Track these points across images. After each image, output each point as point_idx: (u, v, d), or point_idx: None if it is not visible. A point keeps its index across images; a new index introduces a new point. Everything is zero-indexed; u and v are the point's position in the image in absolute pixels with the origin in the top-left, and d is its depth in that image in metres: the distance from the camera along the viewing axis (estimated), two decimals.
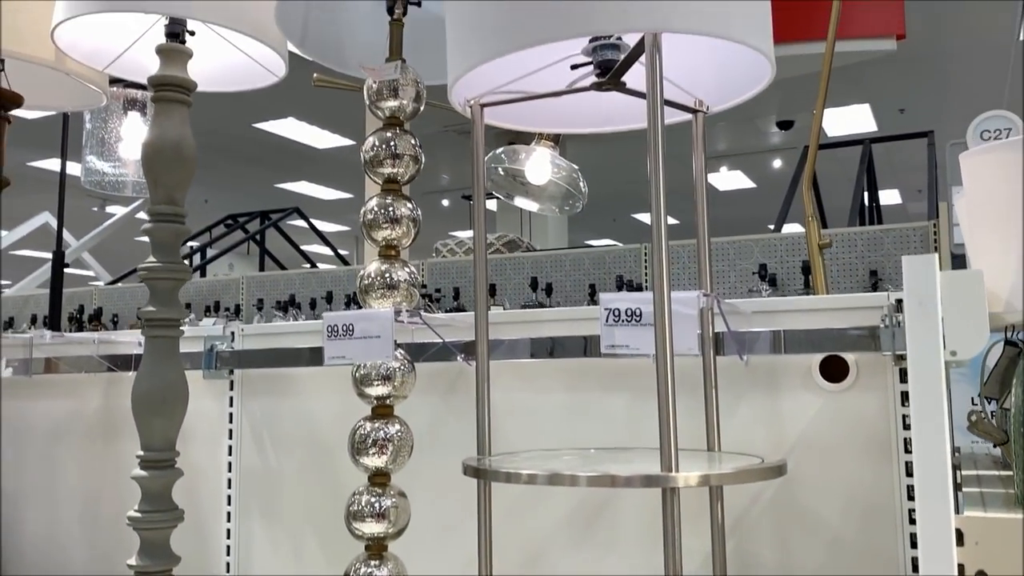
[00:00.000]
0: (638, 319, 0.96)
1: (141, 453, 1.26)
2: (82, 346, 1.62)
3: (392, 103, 1.23)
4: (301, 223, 8.15)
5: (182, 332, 1.31)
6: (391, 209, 1.21)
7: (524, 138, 1.80)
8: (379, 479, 1.18)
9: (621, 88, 1.03)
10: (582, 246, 5.02)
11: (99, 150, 1.94)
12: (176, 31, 1.32)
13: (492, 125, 1.17)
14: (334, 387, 1.46)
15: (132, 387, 1.26)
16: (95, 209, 11.20)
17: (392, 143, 1.22)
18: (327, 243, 7.55)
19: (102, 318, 4.62)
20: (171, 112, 1.31)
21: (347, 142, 9.66)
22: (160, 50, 1.31)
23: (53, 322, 2.73)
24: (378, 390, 1.18)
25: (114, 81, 1.70)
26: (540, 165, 1.78)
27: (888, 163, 9.20)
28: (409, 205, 1.23)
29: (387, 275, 1.20)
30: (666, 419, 0.84)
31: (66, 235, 8.32)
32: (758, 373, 1.16)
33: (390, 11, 1.26)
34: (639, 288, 3.50)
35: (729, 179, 10.46)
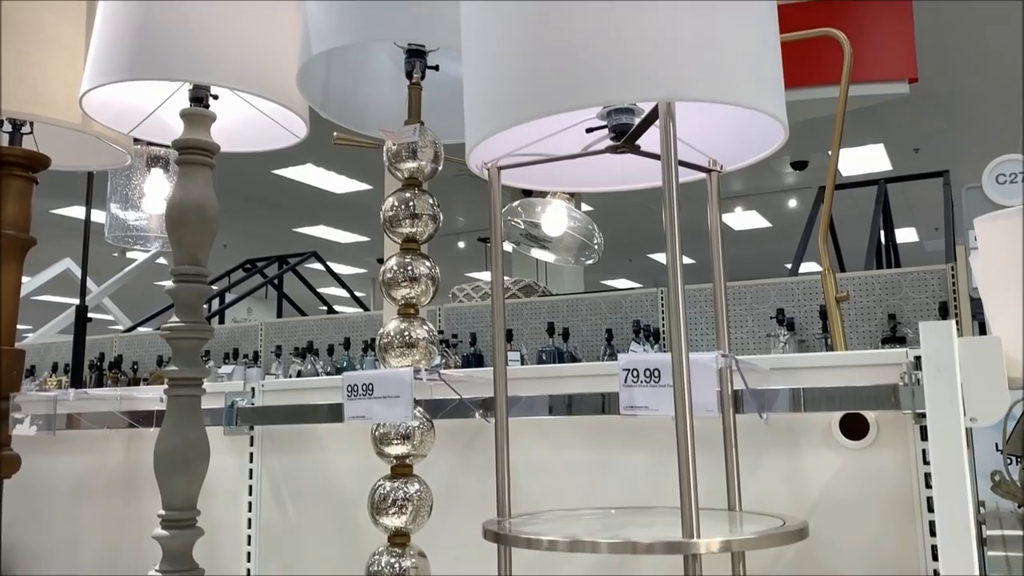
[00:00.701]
0: (657, 380, 0.96)
1: (162, 512, 1.26)
2: (104, 402, 1.64)
3: (411, 164, 1.25)
4: (319, 266, 8.22)
5: (204, 391, 1.32)
6: (410, 268, 1.23)
7: (538, 190, 1.83)
8: (399, 539, 1.18)
9: (636, 151, 1.04)
10: (598, 289, 5.03)
11: (123, 205, 1.98)
12: (200, 96, 1.36)
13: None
14: (353, 443, 1.46)
15: (154, 446, 1.27)
16: (115, 255, 11.34)
17: (411, 203, 1.24)
18: (344, 286, 7.60)
19: (122, 366, 4.66)
20: (195, 174, 1.34)
21: (364, 187, 9.77)
22: (185, 115, 1.35)
23: (76, 376, 2.75)
24: (397, 449, 1.18)
25: (138, 138, 1.74)
26: (556, 217, 1.80)
27: (904, 201, 9.19)
28: (427, 264, 1.24)
29: (406, 334, 1.21)
30: (687, 484, 0.84)
31: (89, 282, 8.41)
32: (778, 430, 1.16)
33: (409, 75, 1.29)
34: (656, 333, 3.49)
35: (744, 219, 10.48)
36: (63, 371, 4.85)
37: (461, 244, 12.38)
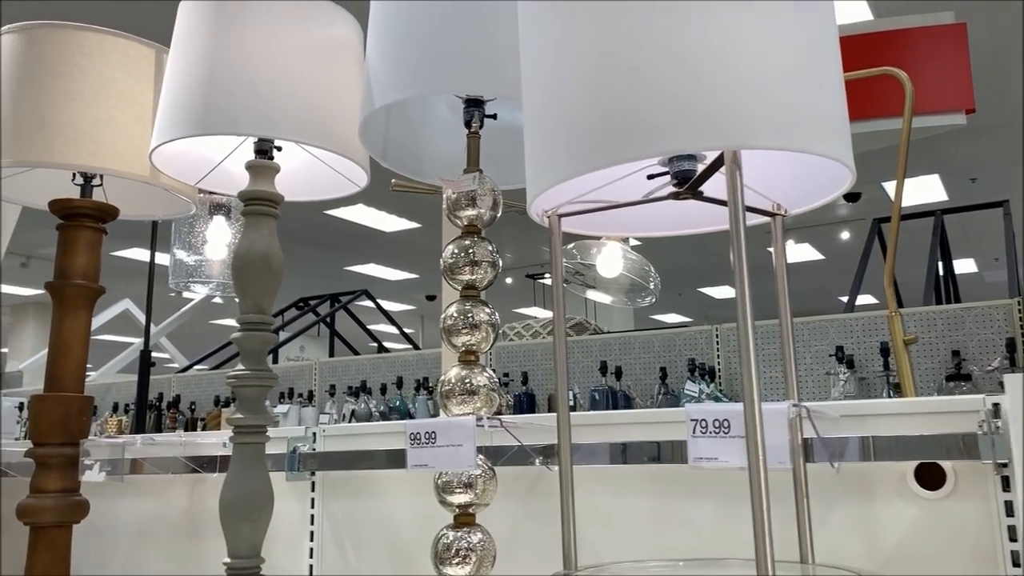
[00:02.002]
0: (726, 431, 0.95)
1: (227, 560, 1.27)
2: (167, 447, 1.66)
3: (470, 212, 1.26)
4: (369, 303, 8.30)
5: (268, 438, 1.34)
6: (470, 315, 1.23)
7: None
8: None
9: (699, 197, 1.04)
10: (650, 327, 4.98)
11: (186, 251, 2.03)
12: (265, 148, 1.39)
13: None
14: (415, 489, 1.46)
15: (220, 494, 1.29)
16: (172, 294, 11.60)
17: (471, 251, 1.25)
18: (394, 323, 7.66)
19: (180, 406, 4.73)
20: (260, 225, 1.36)
21: (413, 225, 9.88)
22: (250, 167, 1.38)
23: (139, 420, 2.81)
24: (460, 498, 1.18)
25: (202, 188, 1.79)
26: (611, 259, 1.79)
27: (962, 232, 8.98)
28: (487, 310, 1.25)
29: (467, 381, 1.21)
30: (762, 537, 0.81)
31: (143, 320, 8.61)
32: (849, 480, 1.13)
33: (468, 125, 1.30)
34: (711, 372, 3.44)
35: (797, 252, 10.33)
36: (123, 411, 4.94)
37: (509, 280, 12.42)
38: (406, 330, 7.97)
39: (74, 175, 1.65)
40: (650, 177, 1.07)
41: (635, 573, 1.03)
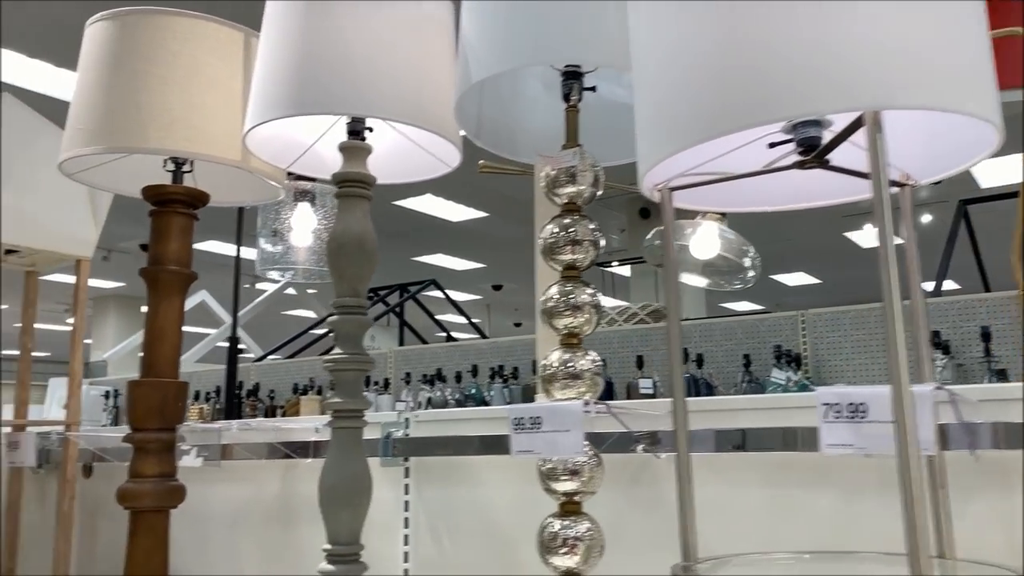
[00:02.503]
0: (863, 415, 0.88)
1: (327, 546, 1.25)
2: (260, 433, 1.66)
3: (570, 189, 1.22)
4: (436, 294, 8.32)
5: (366, 423, 1.31)
6: (572, 296, 1.19)
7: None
8: None
9: (825, 166, 0.97)
10: (728, 314, 4.86)
11: (272, 239, 2.03)
12: (358, 129, 1.36)
13: (624, 195, 1.13)
14: (511, 476, 1.43)
15: (319, 478, 1.27)
16: (247, 286, 11.86)
17: (571, 229, 1.20)
18: (463, 313, 7.67)
19: (259, 394, 4.81)
20: (354, 207, 1.34)
21: (480, 214, 9.88)
22: (344, 148, 1.36)
23: (229, 407, 2.85)
24: (566, 486, 1.13)
25: (289, 172, 1.78)
26: (707, 239, 1.72)
27: None
28: (590, 291, 1.20)
29: (570, 365, 1.16)
30: (914, 531, 0.75)
31: (220, 311, 8.82)
32: (989, 468, 1.05)
33: (566, 98, 1.25)
34: (798, 359, 3.33)
35: (874, 236, 9.98)
36: (204, 399, 5.05)
37: None
38: (474, 320, 7.98)
39: (165, 162, 1.66)
40: (771, 146, 1.01)
41: (760, 565, 0.97)
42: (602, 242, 1.23)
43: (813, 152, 0.96)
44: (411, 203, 9.14)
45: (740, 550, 1.16)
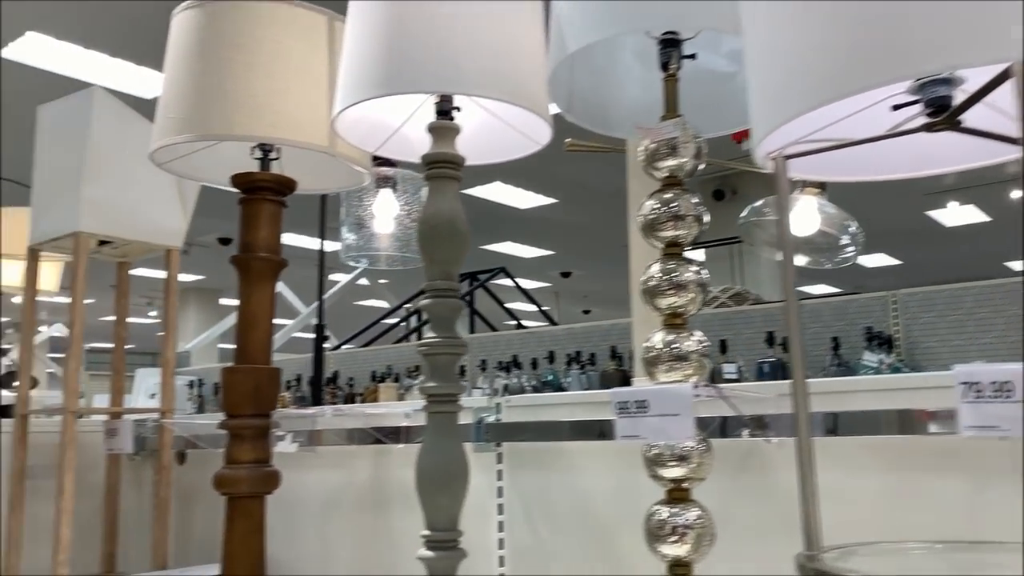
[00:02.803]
0: (1008, 394, 0.81)
1: (426, 532, 1.24)
2: (353, 418, 1.66)
3: (671, 162, 1.16)
4: (505, 282, 8.30)
5: (461, 407, 1.29)
6: (675, 275, 1.14)
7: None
8: (680, 570, 1.08)
9: (957, 128, 0.90)
10: (811, 296, 4.71)
11: (356, 227, 2.03)
12: (447, 108, 1.33)
13: (696, 176, 1.07)
14: (608, 462, 1.38)
15: (416, 463, 1.25)
16: None
17: (673, 204, 1.15)
18: (533, 301, 7.64)
19: (338, 381, 4.87)
20: (444, 188, 1.31)
21: (549, 201, 9.83)
22: (432, 128, 1.33)
23: (316, 393, 2.88)
24: (673, 472, 1.09)
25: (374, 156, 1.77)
26: (805, 215, 1.65)
27: None
28: (694, 268, 1.14)
29: (674, 346, 1.12)
30: None
31: (296, 302, 8.97)
32: None
33: (664, 67, 1.20)
34: (889, 341, 3.20)
35: (959, 214, 9.59)
36: (284, 388, 5.14)
37: None
38: (543, 308, 7.95)
39: (253, 149, 1.66)
40: (895, 108, 0.94)
41: (891, 556, 0.91)
42: (706, 217, 1.17)
43: (943, 113, 0.89)
44: (480, 191, 9.14)
45: (860, 539, 1.10)
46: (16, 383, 4.76)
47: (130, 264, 2.07)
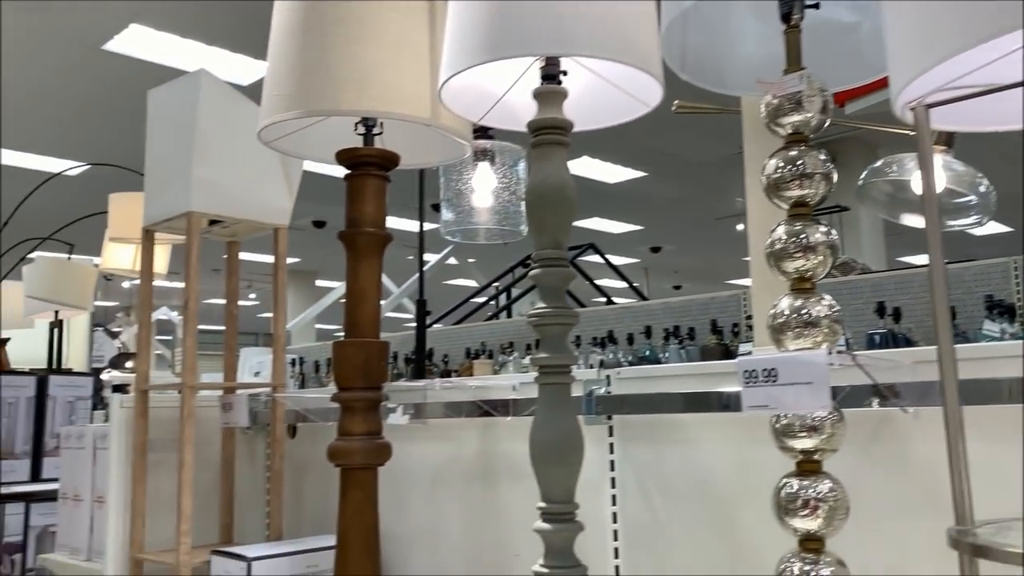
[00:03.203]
0: None
1: (542, 505, 1.22)
2: (459, 391, 1.65)
3: (796, 118, 1.10)
4: (593, 259, 8.23)
5: (574, 379, 1.27)
6: (803, 236, 1.08)
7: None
8: (812, 544, 1.03)
9: None
10: (901, 268, 4.49)
11: (455, 203, 2.02)
12: (553, 73, 1.30)
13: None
14: (725, 434, 1.34)
15: (530, 435, 1.23)
16: (410, 258, 12.23)
17: (799, 162, 1.09)
18: (623, 277, 7.56)
19: (433, 358, 4.93)
20: (552, 155, 1.28)
21: (638, 174, 9.69)
22: (539, 93, 1.30)
23: (419, 368, 2.91)
24: (804, 443, 1.04)
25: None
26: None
27: None
28: (823, 230, 1.08)
29: (803, 312, 1.06)
30: None
31: (388, 283, 9.12)
32: None
33: (785, 18, 1.14)
34: (1011, 309, 3.02)
35: None
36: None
37: (740, 227, 11.89)
38: (633, 284, 7.86)
39: (356, 125, 1.66)
40: None
41: None
42: (834, 176, 1.11)
43: None
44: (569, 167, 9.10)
45: (1007, 514, 1.02)
46: (128, 364, 4.97)
47: (239, 244, 2.12)
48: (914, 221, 1.58)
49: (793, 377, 1.00)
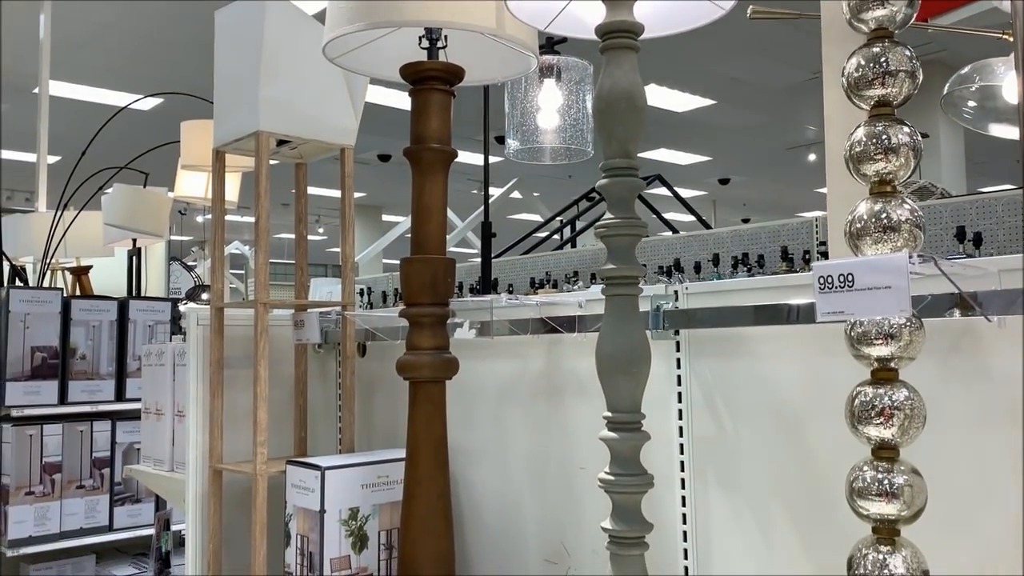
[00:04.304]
0: None
1: (608, 414, 1.22)
2: (525, 309, 1.66)
3: (879, 12, 1.04)
4: (659, 191, 8.08)
5: (641, 290, 1.25)
6: (885, 137, 1.03)
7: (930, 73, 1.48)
8: (886, 453, 1.01)
9: None
10: (978, 193, 4.30)
11: (520, 123, 1.99)
12: None
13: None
14: (793, 348, 1.31)
15: (596, 347, 1.23)
16: (475, 192, 12.23)
17: (882, 59, 1.04)
18: (690, 209, 7.43)
19: (498, 288, 4.96)
20: (621, 60, 1.25)
21: (706, 103, 9.43)
22: None
23: (484, 286, 2.93)
24: (880, 351, 1.01)
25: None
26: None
27: None
28: (907, 131, 1.03)
29: (883, 216, 1.02)
30: None
31: (452, 217, 9.15)
32: None
33: None
34: None
35: None
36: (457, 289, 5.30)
37: (812, 157, 11.55)
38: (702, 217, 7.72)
39: (420, 39, 1.64)
40: None
41: None
42: (919, 75, 1.05)
43: None
44: None
45: None
46: (204, 295, 5.11)
47: (306, 167, 2.13)
48: (1002, 131, 1.49)
49: (871, 282, 0.97)
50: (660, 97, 9.00)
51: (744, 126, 10.47)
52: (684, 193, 14.09)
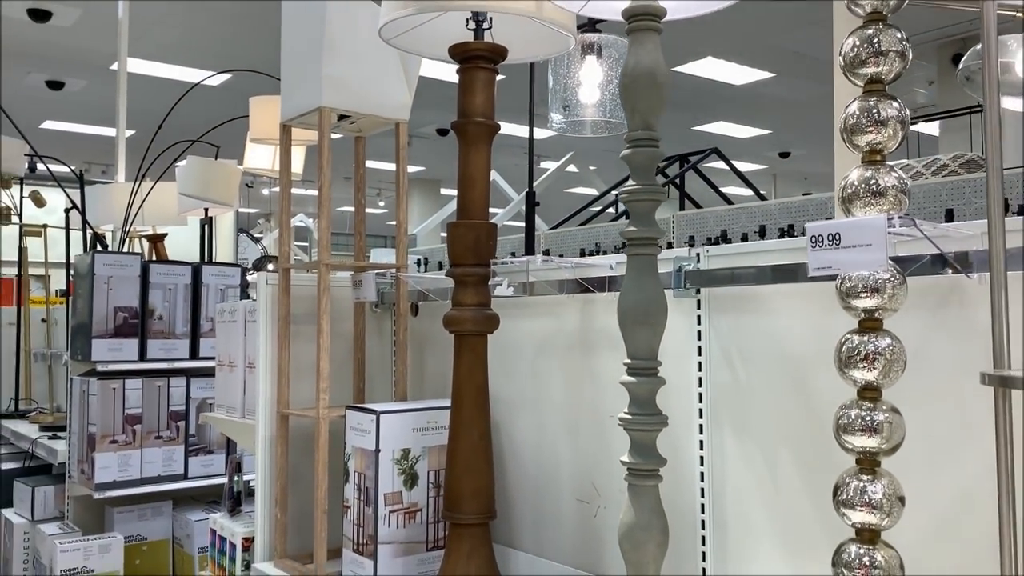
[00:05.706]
0: None
1: (628, 361, 1.37)
2: (561, 270, 1.80)
3: None
4: (716, 165, 8.09)
5: (659, 249, 1.39)
6: (875, 111, 1.14)
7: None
8: (869, 393, 1.14)
9: None
10: None
11: (562, 97, 2.12)
12: None
13: (933, 41, 1.03)
14: (804, 306, 1.44)
15: (618, 301, 1.37)
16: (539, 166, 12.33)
17: (875, 40, 1.15)
18: (747, 183, 7.44)
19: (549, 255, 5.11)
20: (645, 40, 1.37)
21: (765, 75, 9.35)
22: None
23: (528, 252, 3.08)
24: (866, 302, 1.13)
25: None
26: None
27: None
28: (896, 105, 1.14)
29: (872, 182, 1.14)
30: None
31: (508, 189, 9.26)
32: None
33: None
34: None
35: None
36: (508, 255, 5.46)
37: None
38: (760, 192, 7.71)
39: (467, 21, 1.78)
40: None
41: None
42: (909, 54, 1.16)
43: None
44: (690, 68, 8.86)
45: None
46: (270, 266, 5.34)
47: (364, 140, 2.30)
48: (1014, 104, 1.57)
49: (855, 240, 1.09)
50: (718, 70, 8.97)
51: (804, 99, 10.34)
52: (743, 167, 13.97)
